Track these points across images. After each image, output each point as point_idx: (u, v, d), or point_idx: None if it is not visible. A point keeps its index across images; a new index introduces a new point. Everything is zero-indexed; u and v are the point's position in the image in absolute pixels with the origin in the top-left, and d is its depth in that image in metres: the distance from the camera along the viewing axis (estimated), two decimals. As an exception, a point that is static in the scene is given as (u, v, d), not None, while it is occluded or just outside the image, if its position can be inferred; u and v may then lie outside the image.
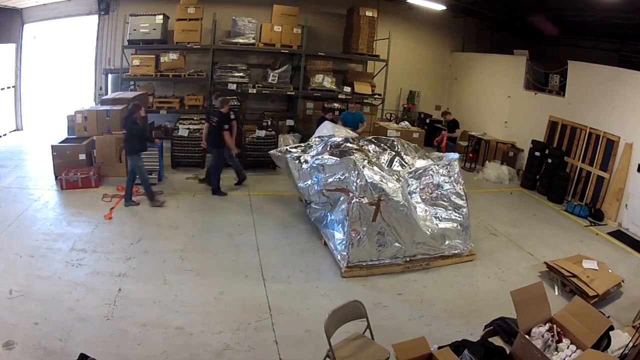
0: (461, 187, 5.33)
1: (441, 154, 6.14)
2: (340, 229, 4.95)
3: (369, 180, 4.72)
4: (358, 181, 4.73)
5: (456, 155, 5.60)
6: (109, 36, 9.47)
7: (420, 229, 4.92)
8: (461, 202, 5.26)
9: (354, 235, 4.70)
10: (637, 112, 6.72)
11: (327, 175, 5.22)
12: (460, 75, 11.84)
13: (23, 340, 3.33)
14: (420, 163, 5.50)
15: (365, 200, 4.67)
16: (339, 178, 5.06)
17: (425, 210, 5.19)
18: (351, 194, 4.76)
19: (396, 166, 5.40)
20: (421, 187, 5.28)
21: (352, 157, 5.04)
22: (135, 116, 5.81)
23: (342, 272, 4.72)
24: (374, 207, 4.68)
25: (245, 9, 9.74)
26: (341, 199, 5.01)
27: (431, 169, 5.35)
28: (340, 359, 2.97)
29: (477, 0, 9.20)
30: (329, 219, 5.28)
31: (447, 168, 5.37)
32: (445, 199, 5.26)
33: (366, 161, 5.08)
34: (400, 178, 5.15)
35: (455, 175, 5.35)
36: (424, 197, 5.24)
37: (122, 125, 6.25)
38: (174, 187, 6.97)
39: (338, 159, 5.16)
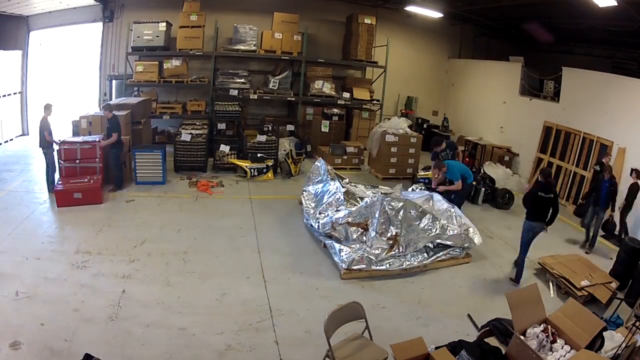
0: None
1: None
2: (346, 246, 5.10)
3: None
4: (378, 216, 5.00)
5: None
6: (113, 43, 9.61)
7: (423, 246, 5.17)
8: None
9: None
10: (629, 117, 6.85)
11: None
12: (457, 81, 11.99)
13: (29, 341, 3.40)
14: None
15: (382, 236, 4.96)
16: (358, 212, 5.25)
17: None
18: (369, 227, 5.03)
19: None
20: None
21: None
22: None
23: (342, 274, 4.81)
24: (391, 241, 4.94)
25: (246, 16, 9.90)
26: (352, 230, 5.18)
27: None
28: (339, 359, 3.04)
29: (473, 8, 9.36)
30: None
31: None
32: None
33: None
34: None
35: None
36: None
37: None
38: (177, 190, 7.07)
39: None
